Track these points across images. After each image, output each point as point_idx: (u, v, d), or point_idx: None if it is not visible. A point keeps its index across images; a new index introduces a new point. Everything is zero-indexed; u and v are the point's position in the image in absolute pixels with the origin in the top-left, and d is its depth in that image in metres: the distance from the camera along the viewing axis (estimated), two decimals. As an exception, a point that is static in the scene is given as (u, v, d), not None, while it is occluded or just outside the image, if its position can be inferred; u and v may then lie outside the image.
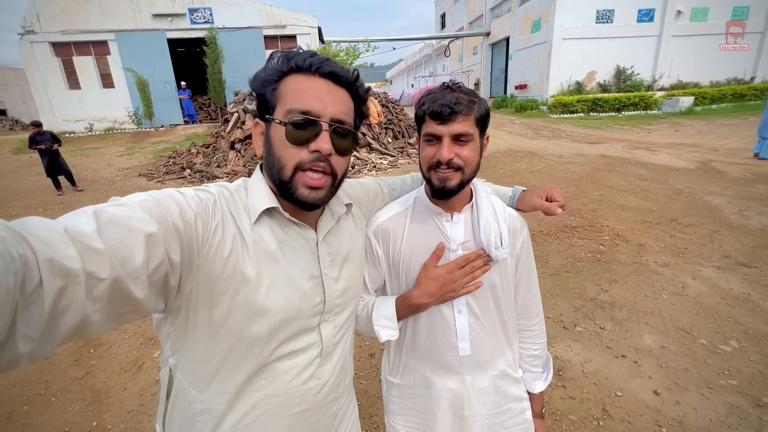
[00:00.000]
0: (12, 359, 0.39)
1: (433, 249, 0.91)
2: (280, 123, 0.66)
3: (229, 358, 0.67)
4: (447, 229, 0.92)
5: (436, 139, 0.83)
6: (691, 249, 3.83)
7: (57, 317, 0.41)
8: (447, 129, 0.81)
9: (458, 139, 0.82)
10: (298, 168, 0.66)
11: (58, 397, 2.31)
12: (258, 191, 0.70)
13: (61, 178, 8.05)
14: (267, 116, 0.69)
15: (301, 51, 0.69)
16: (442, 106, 0.80)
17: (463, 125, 0.81)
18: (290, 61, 0.67)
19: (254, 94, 0.71)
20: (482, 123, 0.86)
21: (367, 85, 0.76)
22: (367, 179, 1.02)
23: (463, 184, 0.85)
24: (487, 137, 0.90)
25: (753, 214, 4.65)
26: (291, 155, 0.66)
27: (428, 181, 0.88)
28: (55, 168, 7.87)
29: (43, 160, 7.74)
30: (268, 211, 0.69)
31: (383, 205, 1.02)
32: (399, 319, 0.92)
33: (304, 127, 0.65)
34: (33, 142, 7.70)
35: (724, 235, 4.11)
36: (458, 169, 0.83)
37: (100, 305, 0.45)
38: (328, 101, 0.66)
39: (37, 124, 7.96)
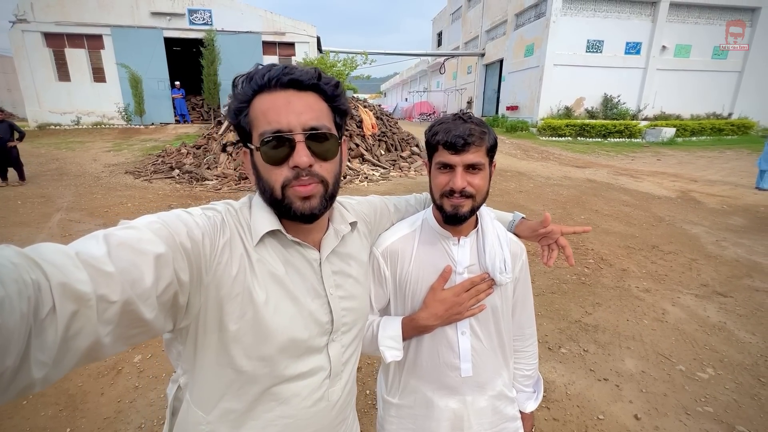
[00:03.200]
0: (27, 385, 0.39)
1: (440, 271, 0.93)
2: (256, 148, 0.65)
3: (237, 379, 0.66)
4: (454, 253, 0.95)
5: (448, 168, 0.87)
6: (671, 276, 3.96)
7: (69, 341, 0.42)
8: (460, 159, 0.85)
9: (470, 168, 0.86)
10: (286, 185, 0.66)
11: (30, 401, 2.22)
12: (261, 212, 0.69)
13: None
14: (248, 144, 0.68)
15: (259, 67, 0.67)
16: (456, 137, 0.83)
17: (476, 155, 0.85)
18: (251, 82, 0.66)
19: (232, 126, 0.69)
20: (491, 152, 0.90)
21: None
22: (373, 197, 1.03)
23: (474, 210, 0.89)
24: (494, 164, 0.94)
25: (729, 245, 4.84)
26: (276, 176, 0.65)
27: (440, 207, 0.90)
28: (3, 159, 7.76)
29: None
30: (271, 232, 0.69)
31: (388, 223, 1.03)
32: (404, 339, 0.94)
33: (278, 146, 0.64)
34: None
35: (702, 264, 4.27)
36: (470, 196, 0.86)
37: (111, 328, 0.45)
38: (293, 112, 0.64)
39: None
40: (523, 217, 1.08)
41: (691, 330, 3.02)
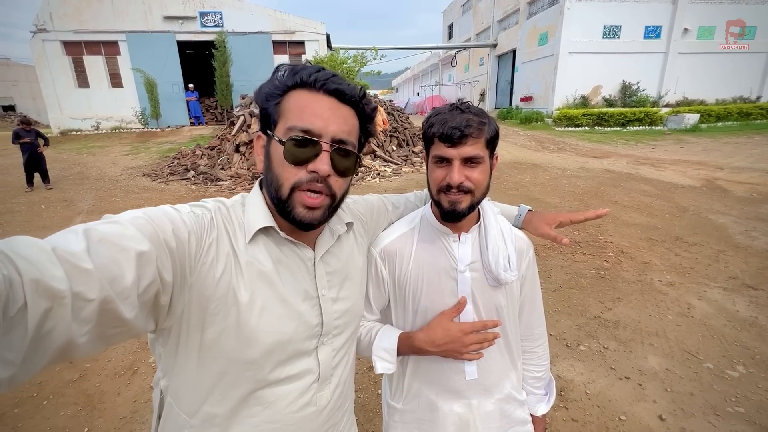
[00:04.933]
0: None
1: (441, 269, 0.89)
2: (279, 141, 0.63)
3: (220, 382, 0.64)
4: (454, 250, 0.90)
5: (445, 161, 0.81)
6: (697, 269, 3.78)
7: (40, 340, 0.39)
8: (457, 152, 0.79)
9: (468, 161, 0.80)
10: (296, 188, 0.64)
11: (51, 401, 2.27)
12: (255, 209, 0.68)
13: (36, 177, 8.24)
14: (268, 131, 0.67)
15: (308, 64, 0.67)
16: (452, 128, 0.78)
17: (474, 148, 0.79)
18: (296, 75, 0.65)
19: (258, 107, 0.69)
20: (492, 144, 0.84)
21: (374, 95, 0.71)
22: (371, 196, 1.00)
23: (473, 206, 0.84)
24: (497, 157, 0.88)
25: (759, 234, 4.60)
26: (289, 174, 0.64)
27: (437, 203, 0.85)
28: (34, 164, 8.07)
29: (23, 154, 8.00)
30: (265, 230, 0.67)
31: (386, 222, 0.99)
32: (399, 354, 0.90)
33: (304, 146, 0.63)
34: (17, 137, 7.99)
35: (730, 255, 4.06)
36: (468, 191, 0.81)
37: (88, 327, 0.43)
38: (330, 119, 0.64)
39: (26, 122, 8.35)
40: (529, 210, 1.01)
41: (720, 325, 2.87)
